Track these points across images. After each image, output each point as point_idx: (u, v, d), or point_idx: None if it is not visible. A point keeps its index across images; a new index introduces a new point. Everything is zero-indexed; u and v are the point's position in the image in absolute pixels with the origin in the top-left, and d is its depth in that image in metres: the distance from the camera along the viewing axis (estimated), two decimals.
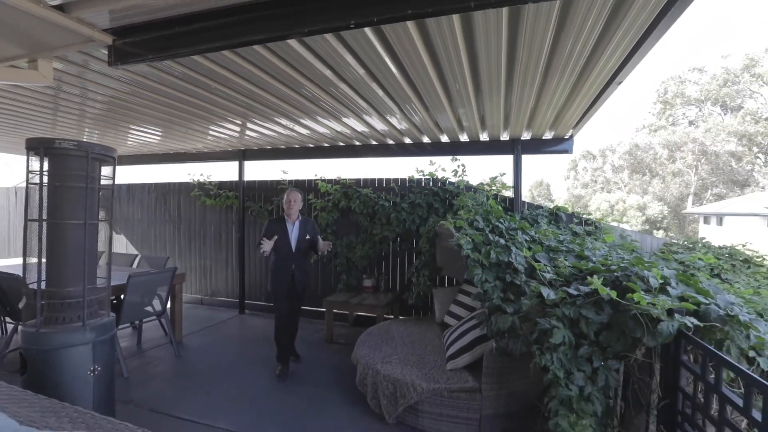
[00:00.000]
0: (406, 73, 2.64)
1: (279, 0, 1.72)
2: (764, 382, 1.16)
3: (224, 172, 5.94)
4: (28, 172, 1.99)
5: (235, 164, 5.65)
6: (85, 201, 2.00)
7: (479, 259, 2.62)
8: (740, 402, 1.27)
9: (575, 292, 1.96)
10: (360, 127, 4.21)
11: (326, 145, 5.15)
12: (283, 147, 5.35)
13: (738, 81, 30.92)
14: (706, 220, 21.76)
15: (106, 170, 2.19)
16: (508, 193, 4.50)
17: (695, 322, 1.56)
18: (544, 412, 1.95)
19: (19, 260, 5.43)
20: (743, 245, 4.20)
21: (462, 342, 2.93)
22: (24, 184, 7.72)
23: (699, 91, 32.57)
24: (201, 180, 5.96)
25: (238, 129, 4.50)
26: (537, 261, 2.51)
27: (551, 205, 4.36)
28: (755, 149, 29.08)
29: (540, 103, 3.18)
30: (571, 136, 4.12)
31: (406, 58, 2.37)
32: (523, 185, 4.42)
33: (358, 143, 5.01)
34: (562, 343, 1.84)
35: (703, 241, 4.46)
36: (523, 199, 4.49)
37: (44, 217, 1.97)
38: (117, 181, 2.36)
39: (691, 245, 4.20)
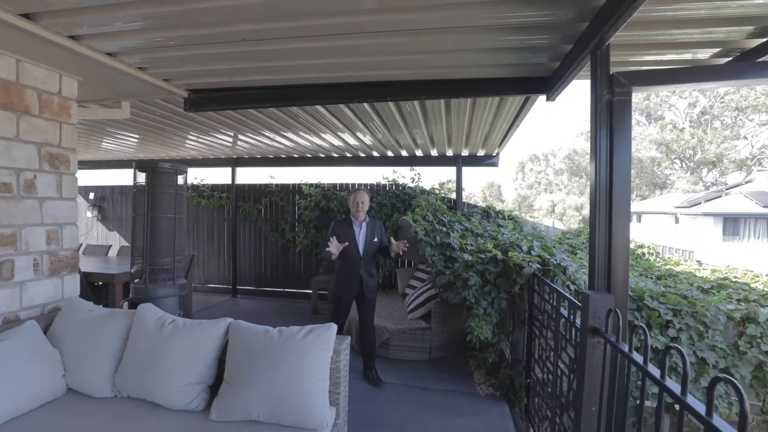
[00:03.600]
0: (374, 107, 3.73)
1: (308, 84, 2.87)
2: (555, 287, 2.49)
3: (216, 175, 6.85)
4: (135, 182, 3.00)
5: (228, 170, 6.59)
6: (175, 202, 3.03)
7: (429, 241, 3.89)
8: (548, 299, 2.61)
9: (484, 256, 3.29)
10: (336, 142, 5.35)
11: (309, 155, 6.25)
12: (271, 156, 6.39)
13: (659, 94, 35.18)
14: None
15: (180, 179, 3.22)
16: (453, 195, 5.86)
17: (539, 266, 2.92)
18: (468, 339, 3.25)
19: None
20: None
21: (418, 301, 4.21)
22: None
23: None
24: (195, 183, 6.84)
25: (230, 140, 5.48)
26: (466, 241, 3.84)
27: (496, 206, 5.75)
28: (672, 155, 33.26)
29: (471, 130, 4.50)
30: (497, 154, 5.55)
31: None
32: (477, 186, 5.82)
33: (335, 155, 6.16)
34: (475, 285, 3.15)
35: (586, 231, 6.12)
36: (476, 199, 5.90)
37: (146, 212, 2.98)
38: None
39: (578, 234, 5.81)
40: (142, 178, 3.00)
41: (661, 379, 1.15)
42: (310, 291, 5.79)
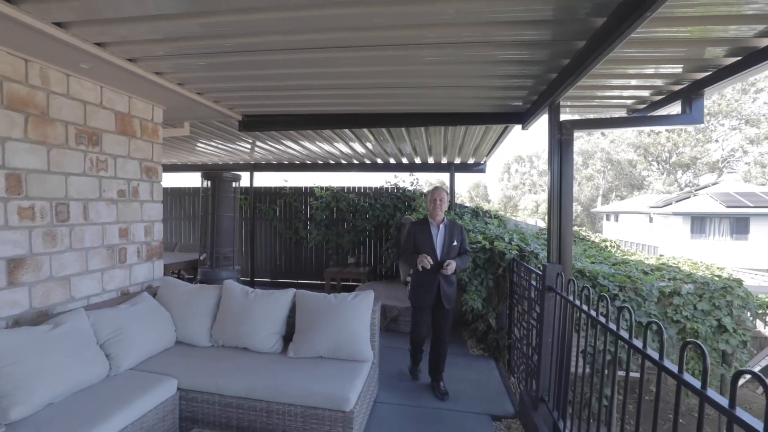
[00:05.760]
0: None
1: (341, 113, 3.71)
2: (529, 266, 3.39)
3: None
4: (202, 188, 3.80)
5: (246, 174, 7.35)
6: (233, 203, 3.84)
7: None
8: (523, 276, 3.51)
9: (475, 246, 4.18)
10: (346, 150, 6.17)
11: (320, 162, 7.07)
12: (286, 162, 7.18)
13: None
14: (608, 218, 26.27)
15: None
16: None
17: (517, 253, 3.83)
18: (464, 310, 4.14)
19: None
20: (580, 228, 6.89)
21: None
22: None
23: None
24: None
25: (249, 147, 6.23)
26: None
27: (483, 206, 6.66)
28: (649, 158, 34.88)
29: (464, 143, 5.40)
30: (485, 162, 6.48)
31: None
32: (464, 187, 6.75)
33: (343, 161, 6.99)
34: (468, 268, 4.04)
35: None
36: (462, 199, 6.80)
37: (211, 211, 3.79)
38: None
39: None
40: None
41: (582, 305, 2.05)
42: (323, 282, 6.63)
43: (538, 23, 1.88)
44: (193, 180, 8.17)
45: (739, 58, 2.09)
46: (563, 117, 2.63)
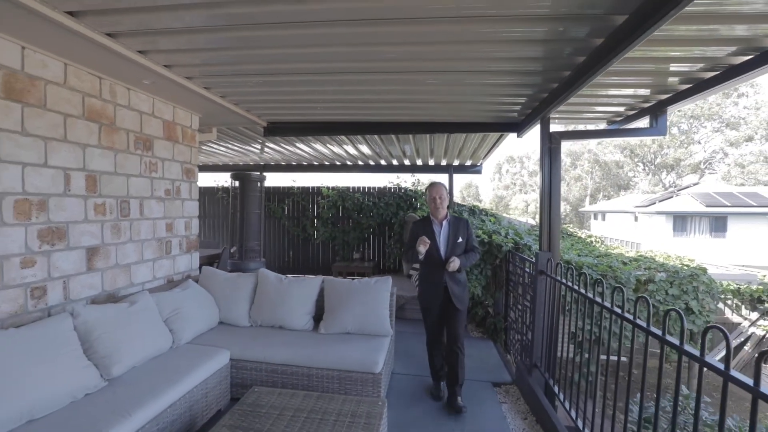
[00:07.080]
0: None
1: (354, 121, 4.17)
2: (524, 256, 3.89)
3: None
4: (232, 187, 4.22)
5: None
6: (259, 201, 4.27)
7: None
8: (518, 265, 4.01)
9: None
10: (352, 151, 6.62)
11: (326, 163, 7.51)
12: (294, 163, 7.60)
13: None
14: (595, 217, 27.10)
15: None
16: None
17: (512, 246, 4.33)
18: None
19: None
20: (567, 226, 7.48)
21: None
22: None
23: None
24: (225, 185, 7.97)
25: (258, 148, 6.64)
26: None
27: (476, 204, 7.18)
28: (636, 159, 35.91)
29: (464, 146, 5.89)
30: (481, 164, 6.99)
31: None
32: (456, 187, 7.17)
33: (349, 162, 7.44)
34: None
35: None
36: (455, 199, 7.27)
37: (239, 209, 4.21)
38: None
39: None
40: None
41: (567, 282, 2.55)
42: (329, 276, 7.08)
43: (530, 59, 2.37)
44: (203, 179, 8.51)
45: (691, 85, 2.62)
46: (553, 128, 3.13)
